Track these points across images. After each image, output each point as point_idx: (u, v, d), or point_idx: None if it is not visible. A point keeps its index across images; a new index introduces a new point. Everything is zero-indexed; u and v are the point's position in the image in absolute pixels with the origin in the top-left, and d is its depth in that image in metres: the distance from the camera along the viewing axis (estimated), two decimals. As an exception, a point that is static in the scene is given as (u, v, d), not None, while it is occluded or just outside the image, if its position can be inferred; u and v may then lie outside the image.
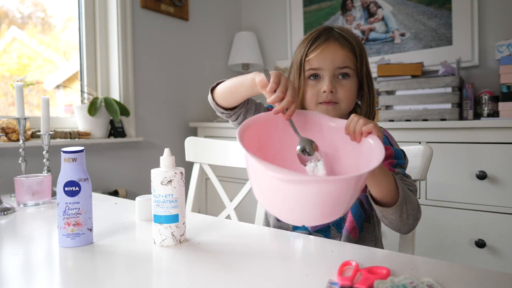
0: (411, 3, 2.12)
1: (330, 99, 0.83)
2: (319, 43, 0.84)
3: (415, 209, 0.75)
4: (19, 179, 1.15)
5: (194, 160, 1.40)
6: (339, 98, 0.84)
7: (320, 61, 0.84)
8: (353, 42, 0.84)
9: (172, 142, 2.29)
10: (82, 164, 0.76)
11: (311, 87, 0.86)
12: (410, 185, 0.80)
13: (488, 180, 1.51)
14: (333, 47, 0.84)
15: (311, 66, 0.85)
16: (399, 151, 0.85)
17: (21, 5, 1.82)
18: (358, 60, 0.84)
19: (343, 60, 0.83)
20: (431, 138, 1.63)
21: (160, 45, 2.22)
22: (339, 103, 0.84)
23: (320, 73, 0.85)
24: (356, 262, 0.60)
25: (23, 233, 0.89)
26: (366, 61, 0.87)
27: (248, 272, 0.62)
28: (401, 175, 0.81)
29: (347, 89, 0.84)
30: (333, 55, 0.83)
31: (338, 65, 0.83)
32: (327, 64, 0.83)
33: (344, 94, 0.84)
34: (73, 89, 2.00)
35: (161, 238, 0.74)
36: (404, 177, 0.81)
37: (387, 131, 0.89)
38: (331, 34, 0.85)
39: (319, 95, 0.84)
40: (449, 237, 1.60)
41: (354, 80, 0.86)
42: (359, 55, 0.85)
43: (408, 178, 0.82)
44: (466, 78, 1.97)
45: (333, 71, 0.84)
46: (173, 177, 0.73)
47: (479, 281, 0.57)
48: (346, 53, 0.84)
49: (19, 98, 1.27)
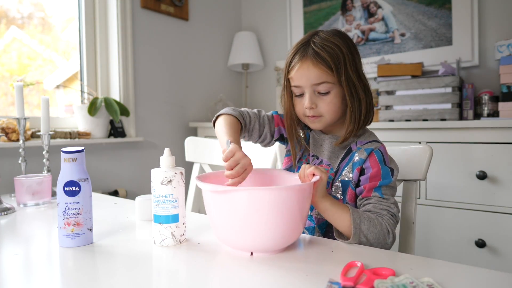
0: (411, 3, 2.12)
1: (313, 114, 0.88)
2: (296, 61, 0.87)
3: (380, 236, 0.76)
4: (19, 179, 1.15)
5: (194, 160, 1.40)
6: (321, 112, 0.88)
7: (298, 79, 0.87)
8: (326, 57, 0.83)
9: (172, 142, 2.29)
10: (82, 164, 0.76)
11: (297, 103, 0.91)
12: (384, 209, 0.81)
13: (488, 180, 1.51)
14: (307, 65, 0.85)
15: (294, 83, 0.89)
16: (387, 169, 0.85)
17: (21, 5, 1.82)
18: (335, 72, 0.84)
19: (318, 76, 0.85)
20: (431, 138, 1.63)
21: (160, 45, 2.22)
22: (323, 116, 0.88)
23: (302, 90, 0.88)
24: (361, 263, 0.60)
25: (23, 233, 0.89)
26: (348, 71, 0.85)
27: (248, 272, 0.62)
28: (378, 197, 0.83)
29: (327, 103, 0.87)
30: (308, 73, 0.85)
31: (314, 82, 0.85)
32: (304, 82, 0.86)
33: (325, 108, 0.87)
34: (73, 89, 2.00)
35: (161, 238, 0.74)
36: (382, 199, 0.82)
37: (383, 147, 0.88)
38: (306, 52, 0.86)
39: (305, 110, 0.89)
40: (449, 237, 1.60)
41: (335, 92, 0.86)
42: (336, 68, 0.84)
43: (386, 201, 0.82)
44: (466, 78, 1.97)
45: (311, 87, 0.86)
46: (173, 177, 0.73)
47: (479, 281, 0.57)
48: (320, 69, 0.84)
49: (19, 98, 1.28)
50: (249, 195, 0.66)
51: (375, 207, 0.81)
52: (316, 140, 0.95)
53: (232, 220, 0.67)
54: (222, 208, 0.68)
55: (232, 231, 0.68)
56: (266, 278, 0.59)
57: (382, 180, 0.84)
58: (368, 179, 0.84)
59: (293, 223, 0.68)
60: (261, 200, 0.65)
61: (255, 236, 0.67)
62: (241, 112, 0.94)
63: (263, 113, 0.98)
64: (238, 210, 0.66)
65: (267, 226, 0.66)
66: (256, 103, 2.74)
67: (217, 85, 2.60)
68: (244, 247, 0.69)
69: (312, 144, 0.95)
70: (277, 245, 0.69)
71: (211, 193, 0.69)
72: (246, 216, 0.66)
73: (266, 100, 2.69)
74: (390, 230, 0.78)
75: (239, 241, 0.69)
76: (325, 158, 0.92)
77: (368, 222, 0.76)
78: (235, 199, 0.66)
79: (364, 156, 0.86)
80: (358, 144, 0.89)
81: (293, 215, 0.68)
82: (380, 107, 1.86)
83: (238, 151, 0.74)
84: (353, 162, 0.88)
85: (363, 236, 0.75)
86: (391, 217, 0.80)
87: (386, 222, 0.78)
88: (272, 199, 0.65)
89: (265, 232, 0.66)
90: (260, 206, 0.65)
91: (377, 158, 0.85)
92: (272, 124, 0.97)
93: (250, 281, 0.58)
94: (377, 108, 1.90)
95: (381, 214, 0.80)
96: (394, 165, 0.89)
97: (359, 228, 0.75)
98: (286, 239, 0.69)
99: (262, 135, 0.97)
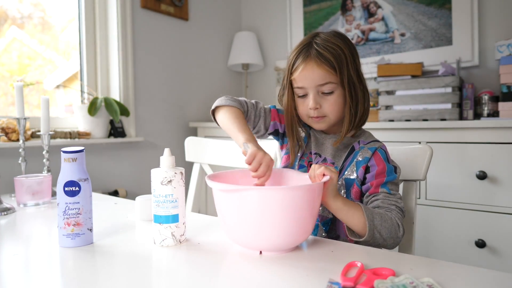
0: (411, 3, 2.12)
1: (317, 114, 0.88)
2: (299, 62, 0.87)
3: (392, 230, 0.78)
4: (19, 179, 1.15)
5: (194, 160, 1.40)
6: (325, 112, 0.88)
7: (302, 80, 0.87)
8: (330, 58, 0.84)
9: (172, 142, 2.29)
10: (82, 164, 0.76)
11: (301, 104, 0.91)
12: (392, 204, 0.83)
13: (488, 180, 1.51)
14: (311, 65, 0.85)
15: (297, 84, 0.89)
16: (391, 166, 0.88)
17: (21, 5, 1.82)
18: (338, 73, 0.85)
19: (322, 77, 0.85)
20: (431, 138, 1.63)
21: (160, 45, 2.22)
22: (327, 116, 0.89)
23: (305, 91, 0.88)
24: (362, 263, 0.60)
25: (23, 233, 0.89)
26: (350, 71, 0.86)
27: (248, 272, 0.62)
28: (386, 193, 0.85)
29: (331, 103, 0.87)
30: (312, 74, 0.86)
31: (319, 83, 0.86)
32: (308, 83, 0.87)
33: (329, 108, 0.88)
34: (73, 89, 2.00)
35: (161, 238, 0.74)
36: (389, 195, 0.85)
37: (385, 146, 0.91)
38: (309, 53, 0.86)
39: (308, 111, 0.89)
40: (449, 237, 1.60)
41: (339, 93, 0.87)
42: (339, 68, 0.85)
43: (393, 196, 0.84)
44: (466, 78, 1.97)
45: (315, 88, 0.87)
46: (173, 177, 0.73)
47: (479, 281, 0.57)
48: (324, 70, 0.85)
49: (19, 98, 1.28)
50: (259, 194, 0.66)
51: (383, 203, 0.83)
52: (317, 139, 0.96)
53: (241, 219, 0.68)
54: (233, 207, 0.69)
55: (242, 230, 0.69)
56: (266, 278, 0.59)
57: (387, 176, 0.86)
58: (374, 176, 0.86)
59: (302, 223, 0.68)
60: (271, 199, 0.65)
61: (264, 235, 0.67)
62: (240, 101, 0.94)
63: (260, 105, 0.98)
64: (248, 209, 0.67)
65: (276, 225, 0.66)
66: (256, 103, 2.74)
67: (217, 85, 2.60)
68: (253, 246, 0.70)
69: (314, 142, 0.96)
70: (286, 244, 0.69)
71: (222, 192, 0.70)
72: (256, 215, 0.66)
73: (266, 100, 2.69)
74: (400, 224, 0.80)
75: (249, 240, 0.69)
76: (328, 156, 0.93)
77: (380, 218, 0.78)
78: (246, 199, 0.66)
79: (369, 154, 0.88)
80: (361, 143, 0.91)
81: (302, 214, 0.68)
82: (380, 107, 1.86)
83: (258, 152, 0.76)
84: (356, 161, 0.89)
85: (377, 231, 0.76)
86: (399, 211, 0.82)
87: (395, 216, 0.80)
88: (282, 199, 0.66)
89: (274, 232, 0.67)
90: (270, 206, 0.66)
91: (382, 156, 0.88)
92: (268, 117, 0.98)
93: (250, 281, 0.58)
94: (377, 108, 1.90)
95: (390, 209, 0.82)
96: (395, 164, 0.92)
97: (372, 224, 0.76)
98: (295, 239, 0.69)
99: (256, 127, 0.97)
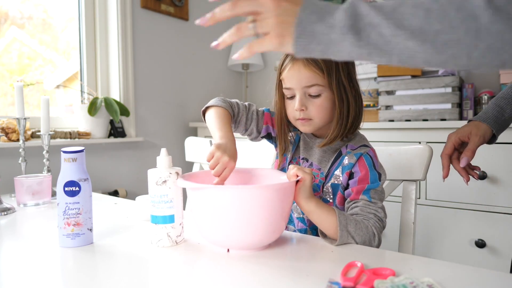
0: (411, 3, 2.12)
1: (303, 117, 0.86)
2: (287, 62, 0.86)
3: (366, 239, 0.76)
4: (19, 179, 1.15)
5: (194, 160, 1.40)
6: (311, 115, 0.86)
7: (289, 80, 0.86)
8: (318, 60, 0.82)
9: (172, 142, 2.29)
10: (82, 164, 0.76)
11: (288, 105, 0.89)
12: (370, 213, 0.80)
13: (488, 180, 1.51)
14: (298, 66, 0.84)
15: (285, 85, 0.88)
16: (376, 173, 0.85)
17: (21, 5, 1.82)
18: (326, 75, 0.82)
19: (308, 78, 0.83)
20: (431, 138, 1.63)
21: (160, 45, 2.22)
22: (313, 119, 0.86)
23: (293, 92, 0.87)
24: (362, 263, 0.60)
25: (23, 233, 0.89)
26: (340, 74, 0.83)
27: (248, 272, 0.62)
28: (366, 201, 0.82)
29: (317, 106, 0.85)
30: (299, 74, 0.84)
31: (305, 84, 0.84)
32: (294, 84, 0.85)
33: (315, 111, 0.85)
34: (73, 89, 2.00)
35: (157, 239, 0.73)
36: (370, 203, 0.81)
37: (372, 152, 0.87)
38: None
39: (295, 113, 0.87)
40: (449, 237, 1.60)
41: (326, 95, 0.85)
42: (327, 71, 0.82)
43: (373, 205, 0.81)
44: (466, 78, 1.97)
45: (302, 89, 0.85)
46: (168, 177, 0.72)
47: (479, 281, 0.57)
48: (311, 71, 0.82)
49: (19, 98, 1.27)
50: (217, 192, 0.67)
51: (362, 210, 0.80)
52: (306, 143, 0.94)
53: (205, 216, 0.69)
54: (198, 205, 0.70)
55: (207, 227, 0.70)
56: (265, 278, 0.59)
57: (370, 183, 0.83)
58: (357, 182, 0.84)
59: (271, 221, 0.69)
60: (232, 198, 0.66)
61: (230, 233, 0.68)
62: (231, 103, 0.94)
63: (253, 108, 0.97)
64: (211, 207, 0.68)
65: (242, 223, 0.67)
66: (256, 103, 2.73)
67: (217, 85, 2.60)
68: (221, 244, 0.71)
69: (303, 147, 0.94)
70: (254, 243, 0.69)
71: (189, 191, 0.71)
72: (219, 213, 0.67)
73: (266, 100, 2.69)
74: (376, 233, 0.77)
75: (217, 237, 0.70)
76: (315, 161, 0.91)
77: (355, 225, 0.75)
78: (209, 197, 0.67)
79: (353, 160, 0.85)
80: (349, 148, 0.88)
81: (271, 213, 0.68)
82: (380, 107, 1.86)
83: (217, 151, 0.75)
84: (343, 165, 0.87)
85: (350, 237, 0.74)
86: (378, 220, 0.79)
87: (372, 225, 0.77)
88: (243, 198, 0.66)
89: (241, 229, 0.67)
90: (232, 204, 0.66)
91: (366, 162, 0.85)
92: (261, 121, 0.97)
93: (250, 281, 0.58)
94: (377, 108, 1.90)
95: (368, 217, 0.79)
96: (382, 171, 0.87)
97: (346, 230, 0.74)
98: (264, 237, 0.69)
99: (248, 130, 0.97)
